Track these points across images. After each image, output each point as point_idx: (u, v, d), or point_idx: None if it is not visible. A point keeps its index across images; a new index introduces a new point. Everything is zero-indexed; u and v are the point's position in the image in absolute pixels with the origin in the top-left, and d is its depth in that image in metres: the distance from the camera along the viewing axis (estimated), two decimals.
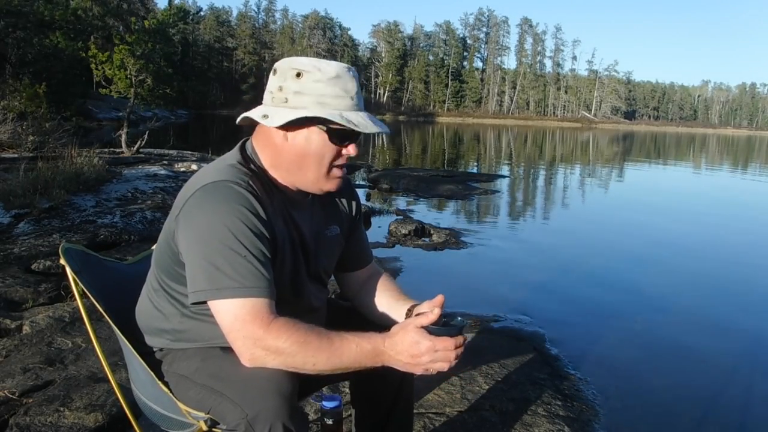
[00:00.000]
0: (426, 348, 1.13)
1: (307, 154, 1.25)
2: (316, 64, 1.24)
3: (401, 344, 1.14)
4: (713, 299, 4.50)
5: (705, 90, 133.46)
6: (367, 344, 1.16)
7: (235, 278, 1.14)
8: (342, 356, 1.14)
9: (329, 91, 1.22)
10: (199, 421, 1.25)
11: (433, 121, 76.00)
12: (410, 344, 1.14)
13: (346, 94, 1.23)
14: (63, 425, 2.02)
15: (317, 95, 1.22)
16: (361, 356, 1.15)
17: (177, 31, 30.80)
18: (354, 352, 1.15)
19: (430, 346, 1.13)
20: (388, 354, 1.16)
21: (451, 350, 1.14)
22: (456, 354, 1.15)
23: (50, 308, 3.14)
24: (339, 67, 1.25)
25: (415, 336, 1.14)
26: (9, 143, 8.51)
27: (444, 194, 9.39)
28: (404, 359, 1.15)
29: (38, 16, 16.05)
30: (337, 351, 1.14)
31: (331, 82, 1.22)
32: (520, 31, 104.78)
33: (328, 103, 1.22)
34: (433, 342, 1.13)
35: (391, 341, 1.16)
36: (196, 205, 1.20)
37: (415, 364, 1.15)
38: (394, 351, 1.15)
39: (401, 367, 1.17)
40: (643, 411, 2.59)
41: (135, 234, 4.77)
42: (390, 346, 1.15)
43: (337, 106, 1.22)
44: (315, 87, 1.22)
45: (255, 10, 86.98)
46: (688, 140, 50.25)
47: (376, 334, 1.17)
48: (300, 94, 1.22)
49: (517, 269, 5.13)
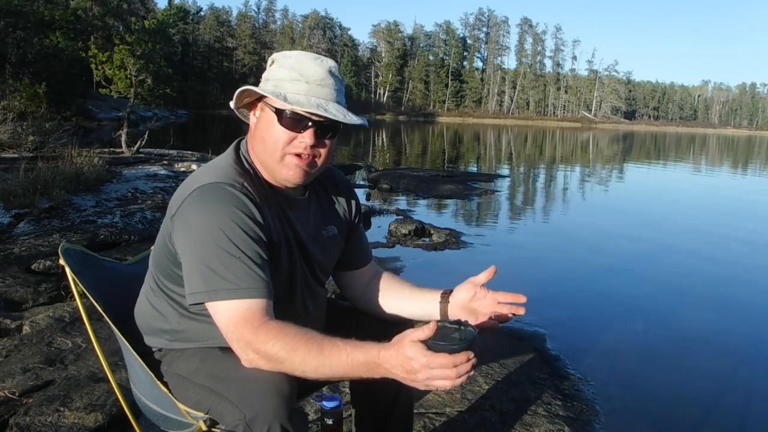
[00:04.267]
0: (420, 365, 1.03)
1: (264, 137, 1.27)
2: (287, 53, 1.29)
3: (395, 359, 1.05)
4: (713, 299, 4.49)
5: (705, 90, 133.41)
6: (360, 355, 1.08)
7: (231, 280, 1.14)
8: (332, 366, 1.09)
9: (286, 75, 1.25)
10: (198, 421, 1.24)
11: (433, 121, 75.98)
12: (404, 360, 1.04)
13: (302, 78, 1.24)
14: (63, 425, 2.02)
15: (276, 80, 1.26)
16: (351, 367, 1.09)
17: (177, 31, 30.81)
18: (344, 362, 1.08)
19: (425, 363, 1.02)
20: (384, 367, 1.07)
21: (449, 368, 1.02)
22: (458, 372, 1.02)
23: (50, 308, 3.14)
24: (304, 55, 1.28)
25: (409, 351, 1.03)
26: (9, 143, 8.52)
27: (444, 194, 9.38)
28: (400, 374, 1.06)
29: (38, 16, 16.07)
30: (327, 360, 1.09)
31: (289, 67, 1.25)
32: (520, 31, 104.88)
33: (283, 86, 1.24)
34: (428, 359, 1.02)
35: (386, 354, 1.07)
36: (191, 206, 1.20)
37: (412, 380, 1.06)
38: (389, 365, 1.06)
39: (401, 380, 1.08)
40: (643, 411, 2.59)
41: (135, 234, 4.77)
42: (384, 359, 1.07)
43: (290, 89, 1.23)
44: (277, 72, 1.26)
45: (255, 10, 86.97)
46: (688, 140, 50.23)
47: (373, 345, 1.09)
48: (266, 81, 1.28)
49: (518, 269, 5.13)
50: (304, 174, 1.27)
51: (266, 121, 1.26)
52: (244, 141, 1.36)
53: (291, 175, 1.27)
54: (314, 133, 1.24)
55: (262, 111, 1.28)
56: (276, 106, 1.23)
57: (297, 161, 1.25)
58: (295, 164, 1.26)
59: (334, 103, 1.26)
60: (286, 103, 1.20)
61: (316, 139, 1.24)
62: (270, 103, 1.25)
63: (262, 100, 1.27)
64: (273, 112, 1.24)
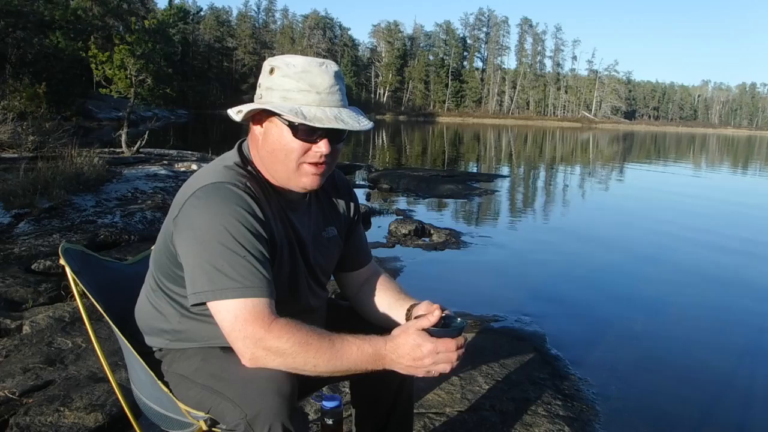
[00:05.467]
0: (428, 351, 1.13)
1: (275, 149, 1.25)
2: (289, 60, 1.26)
3: (403, 347, 1.14)
4: (714, 300, 4.49)
5: (705, 90, 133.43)
6: (368, 347, 1.15)
7: (236, 278, 1.14)
8: (343, 358, 1.14)
9: (294, 86, 1.22)
10: (198, 420, 1.25)
11: (434, 121, 75.98)
12: (412, 347, 1.14)
13: (312, 88, 1.22)
14: (63, 425, 2.02)
15: (283, 90, 1.23)
16: (361, 359, 1.15)
17: (177, 31, 30.77)
18: (355, 354, 1.14)
19: (432, 348, 1.13)
20: (390, 357, 1.15)
21: (453, 351, 1.15)
22: (458, 355, 1.16)
23: (50, 308, 3.14)
24: (308, 62, 1.25)
25: (417, 339, 1.14)
26: (9, 143, 8.52)
27: (444, 194, 9.38)
28: (406, 362, 1.15)
29: (38, 16, 16.08)
30: (338, 353, 1.13)
31: (297, 77, 1.23)
32: (520, 31, 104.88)
33: (292, 97, 1.22)
34: (434, 344, 1.13)
35: (392, 344, 1.15)
36: (194, 207, 1.20)
37: (417, 367, 1.15)
38: (395, 354, 1.15)
39: (403, 370, 1.16)
40: (643, 411, 2.59)
41: (135, 234, 4.77)
42: (391, 349, 1.15)
43: (301, 101, 1.22)
44: (282, 82, 1.24)
45: (255, 10, 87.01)
46: (688, 140, 50.22)
47: (378, 337, 1.17)
48: (270, 90, 1.25)
49: (518, 269, 5.13)
50: (319, 180, 1.29)
51: (276, 134, 1.24)
52: (245, 143, 1.36)
53: (308, 183, 1.28)
54: (328, 141, 1.24)
55: (271, 123, 1.25)
56: (289, 119, 1.21)
57: (314, 169, 1.26)
58: (312, 173, 1.26)
59: (346, 110, 1.25)
60: (306, 120, 1.18)
61: (329, 146, 1.25)
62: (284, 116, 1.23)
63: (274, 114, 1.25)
64: (286, 125, 1.22)
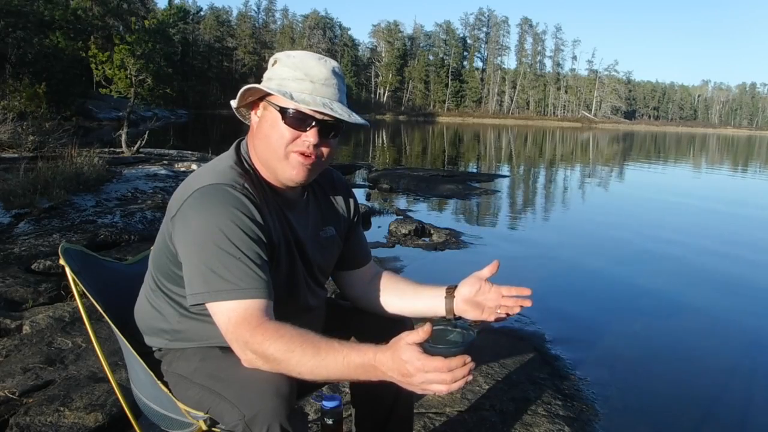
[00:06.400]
0: (414, 369, 1.00)
1: (267, 134, 1.26)
2: (290, 53, 1.29)
3: (391, 362, 1.03)
4: (714, 300, 4.49)
5: (705, 90, 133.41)
6: (356, 357, 1.06)
7: (230, 280, 1.14)
8: (328, 367, 1.08)
9: (290, 75, 1.25)
10: (198, 420, 1.24)
11: (434, 120, 75.97)
12: (399, 363, 1.02)
13: (306, 77, 1.24)
14: (63, 425, 2.02)
15: (280, 78, 1.25)
16: (348, 369, 1.07)
17: (177, 31, 30.80)
18: (341, 364, 1.07)
19: (419, 367, 0.99)
20: (381, 370, 1.05)
21: (444, 373, 0.98)
22: (453, 377, 0.98)
23: (50, 308, 3.14)
24: (308, 54, 1.28)
25: (404, 354, 1.01)
26: (9, 143, 8.52)
27: (444, 194, 9.38)
28: (396, 377, 1.04)
29: (38, 16, 16.09)
30: (323, 362, 1.07)
31: (294, 66, 1.25)
32: (520, 31, 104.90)
33: (287, 85, 1.24)
34: (422, 363, 0.99)
35: (382, 357, 1.05)
36: (192, 207, 1.20)
37: (407, 384, 1.03)
38: (385, 368, 1.04)
39: (398, 383, 1.05)
40: (643, 411, 2.59)
41: (135, 234, 4.77)
42: (381, 362, 1.05)
43: (294, 88, 1.23)
44: (280, 72, 1.26)
45: (255, 10, 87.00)
46: (688, 140, 50.23)
47: (369, 347, 1.07)
48: (269, 80, 1.27)
49: (518, 269, 5.12)
50: (307, 173, 1.27)
51: (269, 120, 1.26)
52: (244, 142, 1.36)
53: (294, 174, 1.26)
54: (318, 132, 1.24)
55: (265, 110, 1.27)
56: (280, 104, 1.23)
57: (302, 160, 1.25)
58: (299, 163, 1.25)
59: (338, 102, 1.26)
60: (292, 101, 1.20)
61: (319, 138, 1.24)
62: (274, 101, 1.25)
63: (266, 98, 1.27)
64: (277, 110, 1.24)
